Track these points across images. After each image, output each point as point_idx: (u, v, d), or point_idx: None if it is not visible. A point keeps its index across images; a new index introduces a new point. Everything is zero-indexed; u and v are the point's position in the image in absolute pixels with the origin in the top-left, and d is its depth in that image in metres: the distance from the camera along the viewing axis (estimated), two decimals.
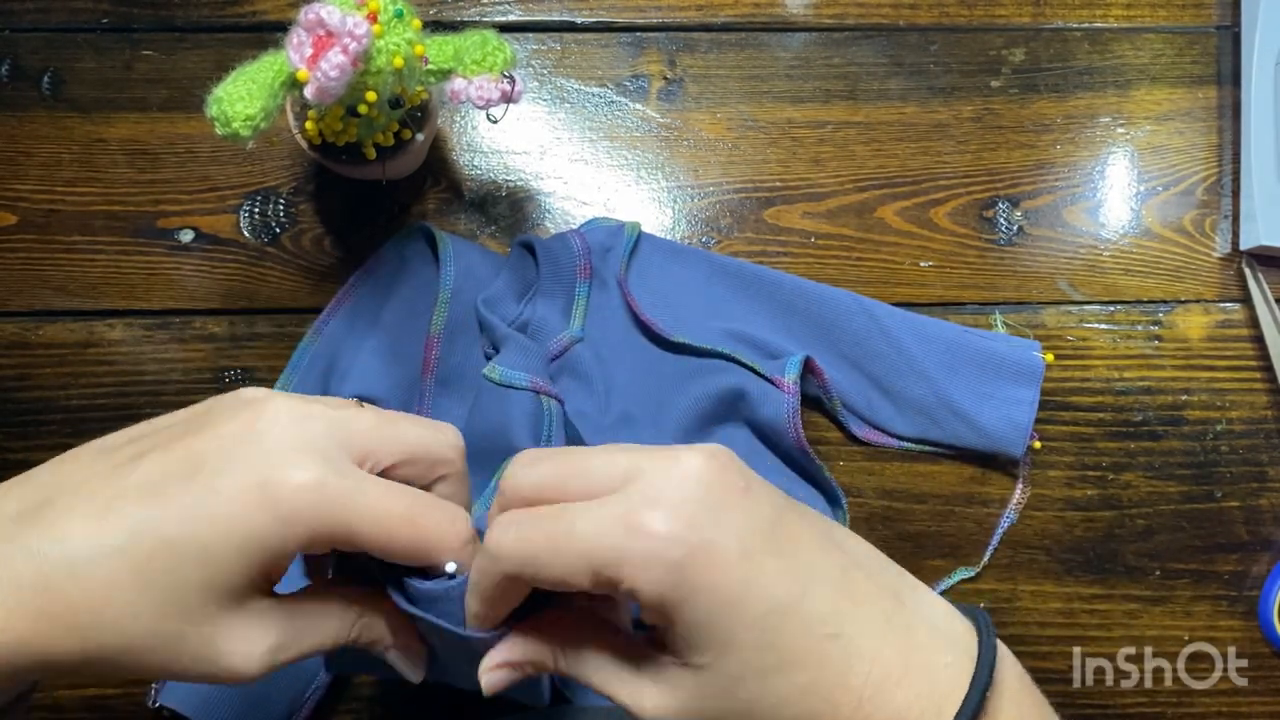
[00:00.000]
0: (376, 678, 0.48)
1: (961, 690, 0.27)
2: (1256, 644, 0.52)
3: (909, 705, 0.27)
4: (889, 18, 0.57)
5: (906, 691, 0.27)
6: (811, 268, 0.54)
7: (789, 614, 0.27)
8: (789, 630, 0.27)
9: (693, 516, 0.27)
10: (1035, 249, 0.55)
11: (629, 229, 0.52)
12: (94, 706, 0.49)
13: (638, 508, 0.27)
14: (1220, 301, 0.55)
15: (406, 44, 0.41)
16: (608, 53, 0.56)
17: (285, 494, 0.27)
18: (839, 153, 0.55)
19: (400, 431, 0.31)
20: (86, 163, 0.53)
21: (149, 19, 0.54)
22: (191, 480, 0.27)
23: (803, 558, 0.28)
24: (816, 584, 0.28)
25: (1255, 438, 0.54)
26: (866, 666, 0.27)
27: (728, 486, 0.28)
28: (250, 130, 0.39)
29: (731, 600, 0.27)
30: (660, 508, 0.27)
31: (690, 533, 0.26)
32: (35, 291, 0.52)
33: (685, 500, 0.27)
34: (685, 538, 0.26)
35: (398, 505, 0.29)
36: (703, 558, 0.26)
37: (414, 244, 0.52)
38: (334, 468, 0.28)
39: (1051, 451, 0.53)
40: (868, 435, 0.53)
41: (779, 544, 0.28)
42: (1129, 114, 0.56)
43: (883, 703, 0.27)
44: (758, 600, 0.27)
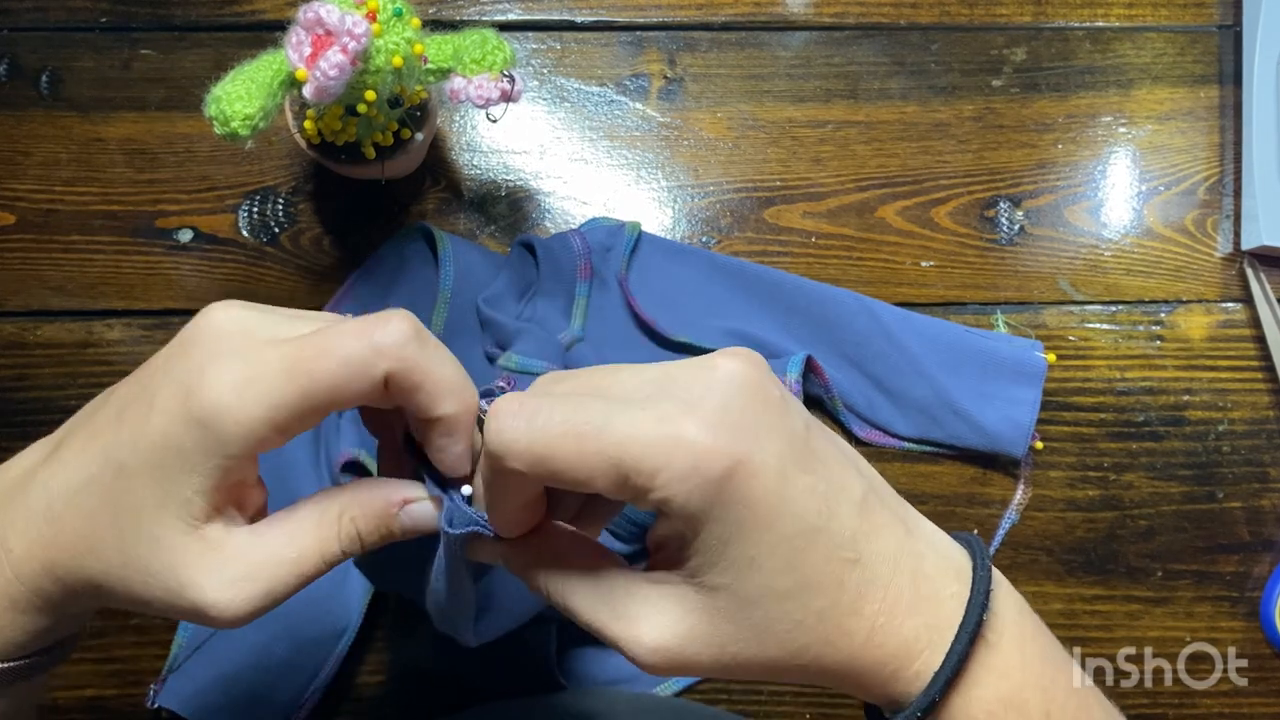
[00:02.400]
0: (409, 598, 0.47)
1: (959, 617, 0.27)
2: (1257, 644, 0.52)
3: (916, 635, 0.27)
4: (890, 17, 0.56)
5: (915, 621, 0.27)
6: (812, 267, 0.54)
7: (816, 535, 0.26)
8: (814, 552, 0.26)
9: (735, 427, 0.25)
10: (1036, 249, 0.55)
11: (629, 228, 0.52)
12: (94, 707, 0.48)
13: (676, 414, 0.25)
14: (1222, 301, 0.55)
15: (405, 43, 0.41)
16: (608, 52, 0.55)
17: (205, 401, 0.26)
18: (840, 152, 0.55)
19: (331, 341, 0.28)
20: (85, 162, 0.53)
21: (147, 18, 0.54)
22: (139, 402, 0.27)
23: (831, 476, 0.27)
24: (842, 504, 0.27)
25: (1257, 438, 0.53)
26: (881, 593, 0.27)
27: (767, 397, 0.26)
28: (249, 130, 0.38)
29: (765, 518, 0.25)
30: (701, 415, 0.25)
31: (733, 444, 0.25)
32: (34, 291, 0.52)
33: (725, 409, 0.25)
34: (728, 450, 0.25)
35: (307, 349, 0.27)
36: (743, 472, 0.25)
37: (413, 244, 0.52)
38: (250, 364, 0.27)
39: (1053, 452, 0.53)
40: (869, 435, 0.53)
41: (810, 461, 0.26)
42: (1130, 113, 0.56)
43: (893, 631, 0.27)
44: (790, 520, 0.26)
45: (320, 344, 0.27)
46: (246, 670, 0.46)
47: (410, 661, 0.49)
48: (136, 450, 0.27)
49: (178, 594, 0.27)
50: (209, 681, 0.46)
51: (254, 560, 0.28)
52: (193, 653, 0.46)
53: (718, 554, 0.26)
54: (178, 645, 0.47)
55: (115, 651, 0.49)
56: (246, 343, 0.27)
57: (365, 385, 0.27)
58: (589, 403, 0.26)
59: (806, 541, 0.26)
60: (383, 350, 0.27)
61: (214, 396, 0.26)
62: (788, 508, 0.26)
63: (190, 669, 0.46)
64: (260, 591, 0.28)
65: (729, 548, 0.26)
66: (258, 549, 0.28)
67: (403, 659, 0.49)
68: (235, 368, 0.26)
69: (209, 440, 0.26)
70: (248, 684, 0.46)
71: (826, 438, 0.28)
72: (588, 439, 0.25)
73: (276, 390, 0.26)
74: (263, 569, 0.28)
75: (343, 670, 0.48)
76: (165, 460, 0.27)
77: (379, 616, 0.49)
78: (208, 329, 0.28)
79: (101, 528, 0.27)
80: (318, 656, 0.47)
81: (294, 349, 0.27)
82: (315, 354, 0.27)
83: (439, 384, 0.28)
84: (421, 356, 0.27)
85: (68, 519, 0.27)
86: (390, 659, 0.49)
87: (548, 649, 0.47)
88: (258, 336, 0.27)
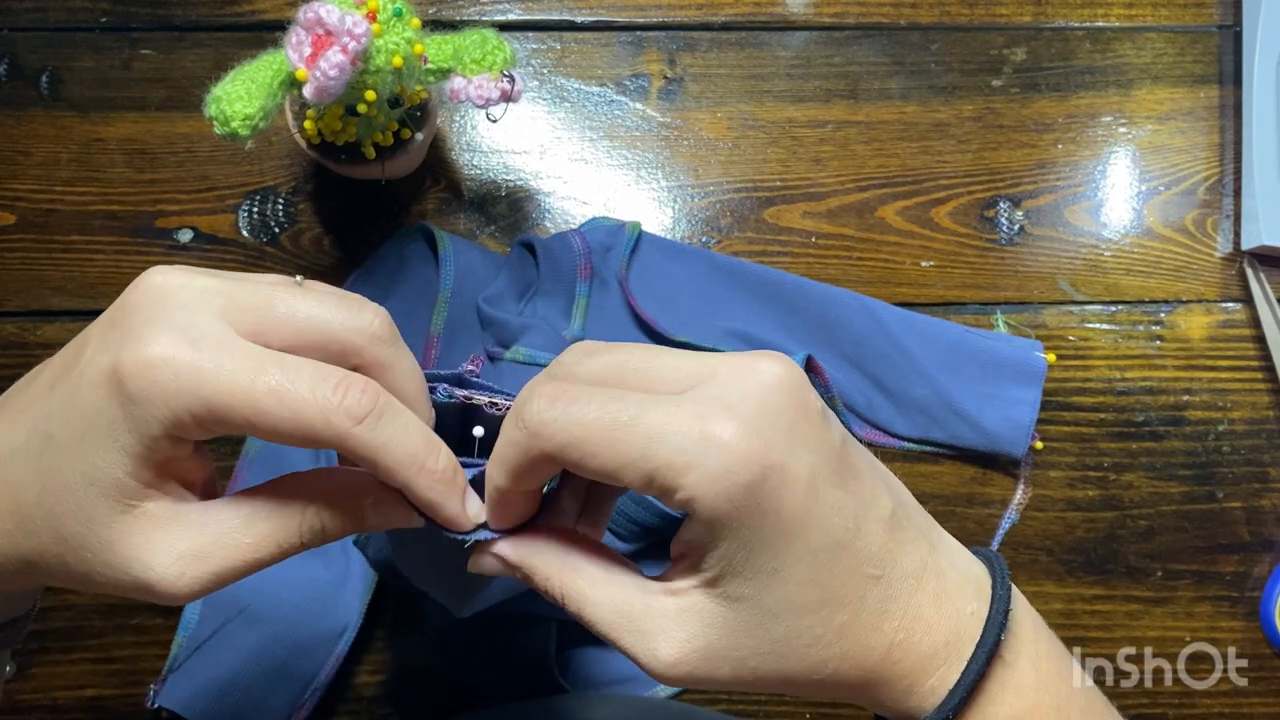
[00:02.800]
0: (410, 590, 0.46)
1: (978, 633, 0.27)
2: (1257, 644, 0.52)
3: (934, 652, 0.27)
4: (890, 17, 0.56)
5: (933, 637, 0.27)
6: (812, 267, 0.54)
7: (843, 550, 0.26)
8: (839, 567, 0.26)
9: (772, 433, 0.25)
10: (1036, 249, 0.55)
11: (629, 228, 0.52)
12: (94, 707, 0.48)
13: (713, 413, 0.24)
14: (1222, 301, 0.55)
15: (405, 43, 0.41)
16: (608, 52, 0.55)
17: (130, 374, 0.24)
18: (840, 152, 0.55)
19: (292, 309, 0.27)
20: (85, 162, 0.53)
21: (148, 18, 0.54)
22: (69, 371, 0.26)
23: (862, 493, 0.27)
24: (870, 522, 0.26)
25: (1257, 438, 0.53)
26: (901, 610, 0.27)
27: (806, 406, 0.26)
28: (249, 130, 0.38)
29: (793, 529, 0.25)
30: (737, 418, 0.24)
31: (767, 452, 0.24)
32: (34, 291, 0.52)
33: (764, 414, 0.25)
34: (762, 456, 0.24)
35: (268, 378, 0.25)
36: (775, 481, 0.24)
37: (413, 244, 0.52)
38: (190, 339, 0.25)
39: (1053, 452, 0.53)
40: (869, 435, 0.53)
41: (843, 475, 0.26)
42: (1130, 113, 0.56)
43: (911, 647, 0.27)
44: (818, 533, 0.25)
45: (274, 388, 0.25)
46: (246, 670, 0.46)
47: (410, 661, 0.49)
48: (65, 421, 0.25)
49: (121, 570, 0.26)
50: (209, 681, 0.46)
51: (204, 539, 0.26)
52: (193, 653, 0.46)
53: (741, 563, 0.25)
54: (178, 645, 0.47)
55: (115, 651, 0.49)
56: (186, 313, 0.25)
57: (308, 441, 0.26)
58: (625, 394, 0.25)
59: (832, 556, 0.26)
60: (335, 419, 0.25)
61: (141, 372, 0.24)
62: (816, 521, 0.25)
63: (190, 669, 0.46)
64: (208, 572, 0.26)
65: (753, 557, 0.25)
66: (209, 528, 0.27)
67: (403, 659, 0.49)
68: (169, 340, 0.25)
69: (135, 414, 0.25)
70: (248, 684, 0.46)
71: (860, 453, 0.28)
72: (621, 428, 0.24)
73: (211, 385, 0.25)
74: (214, 549, 0.26)
75: (343, 670, 0.48)
76: (93, 433, 0.25)
77: (379, 616, 0.49)
78: (145, 294, 0.26)
79: (29, 504, 0.26)
80: (317, 656, 0.47)
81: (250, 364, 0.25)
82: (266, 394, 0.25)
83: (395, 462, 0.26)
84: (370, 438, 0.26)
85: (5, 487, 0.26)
86: (390, 659, 0.50)
87: (547, 649, 0.47)
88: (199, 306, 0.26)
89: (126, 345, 0.25)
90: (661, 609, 0.27)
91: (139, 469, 0.26)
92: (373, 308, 0.28)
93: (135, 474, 0.26)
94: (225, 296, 0.26)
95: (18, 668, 0.48)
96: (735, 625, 0.26)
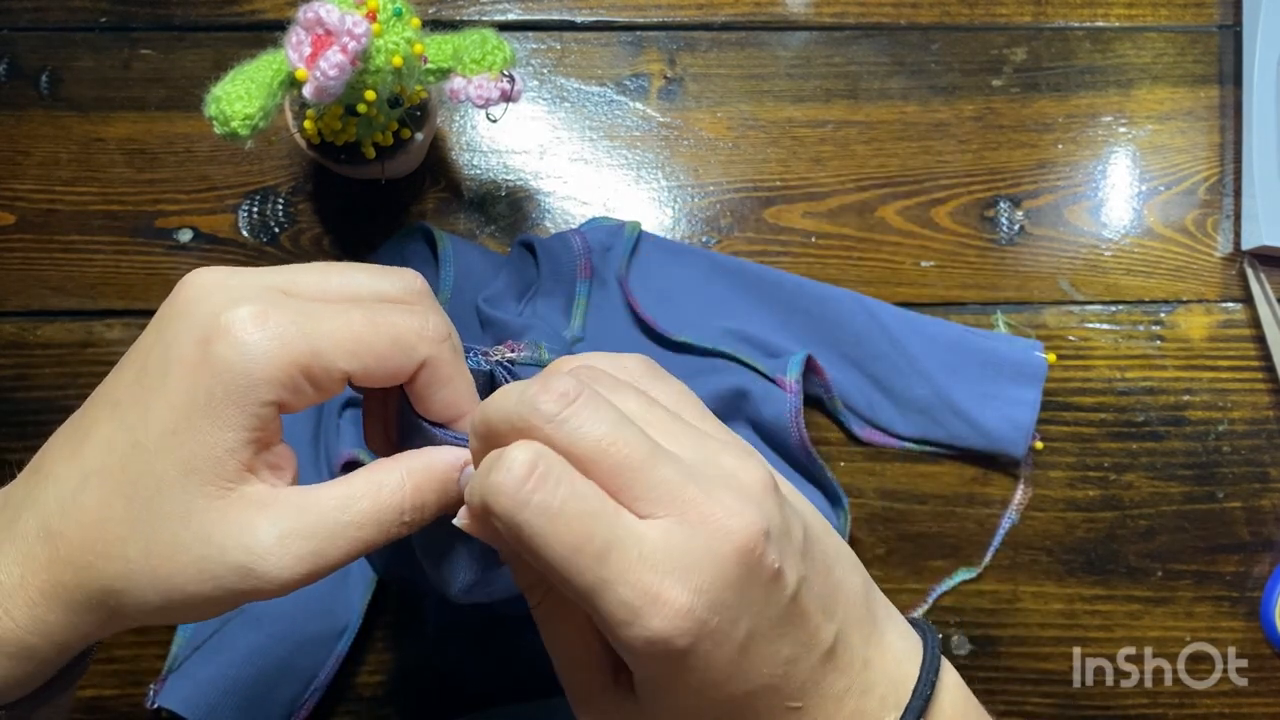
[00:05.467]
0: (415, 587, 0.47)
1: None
2: (1258, 644, 0.52)
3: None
4: (890, 16, 0.56)
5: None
6: (812, 267, 0.54)
7: (766, 692, 0.26)
8: (758, 705, 0.27)
9: (718, 603, 0.25)
10: (1036, 249, 0.55)
11: (629, 228, 0.52)
12: (94, 707, 0.48)
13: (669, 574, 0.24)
14: (1222, 301, 0.55)
15: (405, 43, 0.41)
16: (608, 52, 0.55)
17: (229, 345, 0.25)
18: (840, 152, 0.55)
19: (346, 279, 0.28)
20: (85, 162, 0.53)
21: (147, 18, 0.54)
22: (141, 377, 0.26)
23: (803, 637, 0.27)
24: (803, 660, 0.27)
25: (1257, 438, 0.53)
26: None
27: (760, 570, 0.25)
28: (249, 130, 0.38)
29: (716, 681, 0.26)
30: (690, 588, 0.24)
31: (708, 621, 0.25)
32: (33, 291, 0.52)
33: (715, 583, 0.25)
34: (701, 626, 0.24)
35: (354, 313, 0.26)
36: (707, 645, 0.25)
37: (413, 244, 0.52)
38: (270, 304, 0.25)
39: (1053, 452, 0.53)
40: (869, 435, 0.53)
41: (786, 627, 0.26)
42: (1131, 113, 0.56)
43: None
44: (740, 683, 0.26)
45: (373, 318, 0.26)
46: (247, 670, 0.46)
47: (410, 661, 0.49)
48: (153, 421, 0.25)
49: (218, 560, 0.25)
50: (209, 681, 0.46)
51: (306, 519, 0.26)
52: (193, 652, 0.46)
53: (656, 696, 0.26)
54: (178, 645, 0.47)
55: (115, 651, 0.49)
56: (253, 290, 0.26)
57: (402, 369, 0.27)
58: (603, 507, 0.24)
59: (752, 697, 0.26)
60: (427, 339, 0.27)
61: (241, 335, 0.25)
62: (742, 675, 0.26)
63: (190, 669, 0.46)
64: (311, 551, 0.26)
65: (668, 696, 0.26)
66: (309, 509, 0.26)
67: (403, 659, 0.49)
68: (250, 309, 0.25)
69: (240, 383, 0.25)
70: (248, 684, 0.46)
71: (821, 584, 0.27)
72: (584, 550, 0.24)
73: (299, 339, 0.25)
74: (317, 528, 0.26)
75: (343, 670, 0.48)
76: (189, 420, 0.25)
77: (379, 616, 0.49)
78: (201, 287, 0.26)
79: (114, 522, 0.25)
80: (318, 656, 0.47)
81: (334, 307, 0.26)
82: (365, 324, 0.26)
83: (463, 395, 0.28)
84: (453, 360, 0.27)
85: (68, 529, 0.25)
86: (390, 659, 0.50)
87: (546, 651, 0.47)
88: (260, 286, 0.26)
89: (210, 323, 0.25)
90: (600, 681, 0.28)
91: (240, 446, 0.25)
92: (406, 273, 0.29)
93: (236, 451, 0.25)
94: (281, 275, 0.27)
95: None
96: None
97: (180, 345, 0.25)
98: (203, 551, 0.25)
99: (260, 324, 0.25)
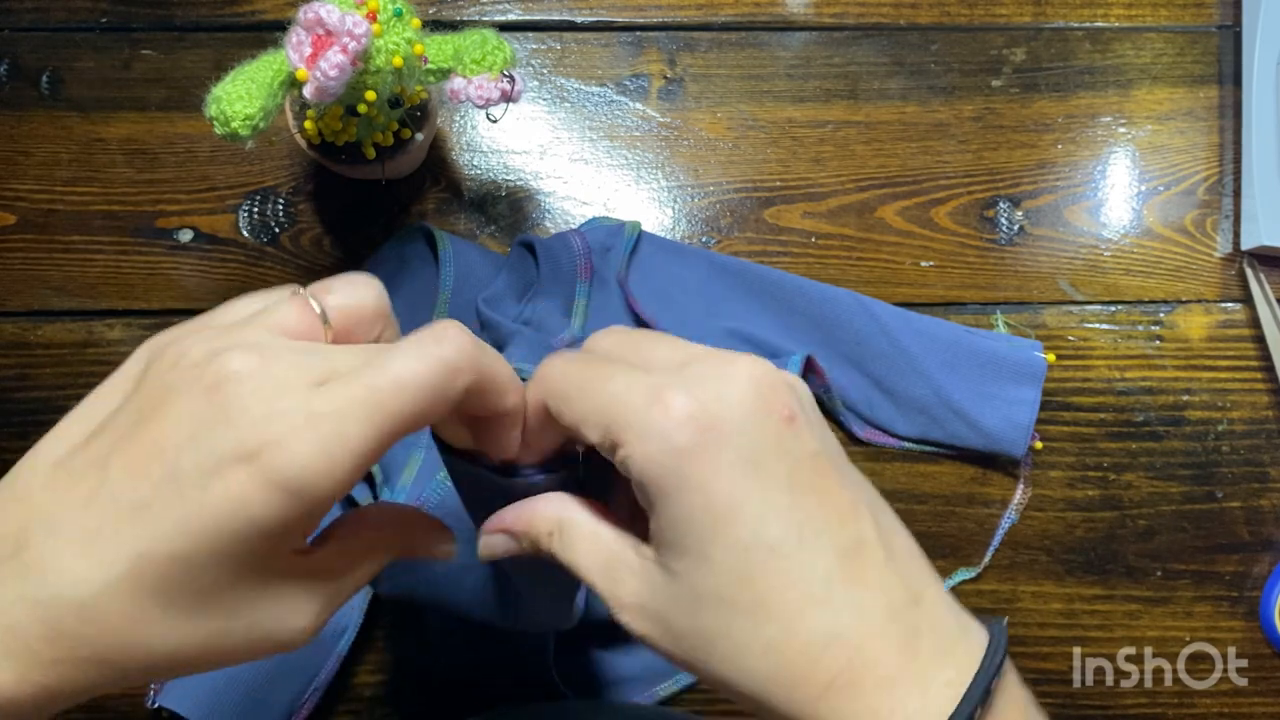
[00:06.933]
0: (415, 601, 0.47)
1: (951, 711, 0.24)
2: (1257, 644, 0.52)
3: (890, 711, 0.24)
4: (889, 17, 0.56)
5: (889, 698, 0.24)
6: (812, 268, 0.54)
7: (778, 557, 0.25)
8: (773, 574, 0.25)
9: (717, 413, 0.25)
10: (1036, 249, 0.55)
11: (629, 228, 0.52)
12: (93, 707, 0.48)
13: (671, 386, 0.25)
14: (1221, 301, 0.55)
15: (406, 43, 0.41)
16: (608, 52, 0.55)
17: (283, 462, 0.23)
18: (839, 152, 0.55)
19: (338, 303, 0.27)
20: (85, 162, 0.53)
21: (148, 18, 0.54)
22: (174, 482, 0.24)
23: (818, 510, 0.25)
24: (821, 542, 0.25)
25: (1256, 438, 0.53)
26: (848, 655, 0.24)
27: (771, 405, 0.26)
28: (249, 130, 0.38)
29: (717, 511, 0.25)
30: (691, 396, 0.25)
31: (705, 423, 0.25)
32: (34, 291, 0.52)
33: (720, 400, 0.25)
34: (697, 425, 0.25)
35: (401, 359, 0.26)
36: (704, 455, 0.25)
37: (414, 244, 0.52)
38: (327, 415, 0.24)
39: (1053, 452, 0.53)
40: (869, 435, 0.53)
41: (796, 483, 0.25)
42: (1130, 113, 0.56)
43: (858, 698, 0.24)
44: (744, 524, 0.25)
45: (392, 378, 0.25)
46: (246, 670, 0.46)
47: (410, 661, 0.49)
48: (194, 533, 0.23)
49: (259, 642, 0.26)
50: (209, 681, 0.46)
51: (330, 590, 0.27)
52: None
53: (672, 535, 0.25)
54: None
55: None
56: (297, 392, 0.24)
57: (446, 407, 0.26)
58: (613, 363, 0.27)
59: (764, 559, 0.25)
60: (459, 368, 0.26)
61: (298, 460, 0.23)
62: (747, 516, 0.25)
63: None
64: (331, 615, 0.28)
65: (683, 535, 0.25)
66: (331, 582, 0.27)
67: (403, 659, 0.49)
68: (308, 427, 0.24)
69: (295, 508, 0.24)
70: (247, 684, 0.46)
71: (842, 479, 0.27)
72: (590, 385, 0.27)
73: (358, 438, 0.24)
74: (336, 597, 0.28)
75: (343, 670, 0.48)
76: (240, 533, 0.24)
77: (379, 616, 0.49)
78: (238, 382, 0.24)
79: (146, 621, 0.24)
80: (318, 656, 0.47)
81: (364, 391, 0.24)
82: (392, 390, 0.24)
83: (504, 382, 0.28)
84: (485, 360, 0.27)
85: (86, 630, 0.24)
86: (390, 659, 0.50)
87: (546, 651, 0.47)
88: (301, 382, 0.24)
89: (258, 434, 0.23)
90: (628, 561, 0.27)
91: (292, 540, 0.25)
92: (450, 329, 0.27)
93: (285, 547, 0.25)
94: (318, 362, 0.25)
95: None
96: (672, 598, 0.26)
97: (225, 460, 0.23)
98: (246, 637, 0.26)
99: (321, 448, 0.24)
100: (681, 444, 0.25)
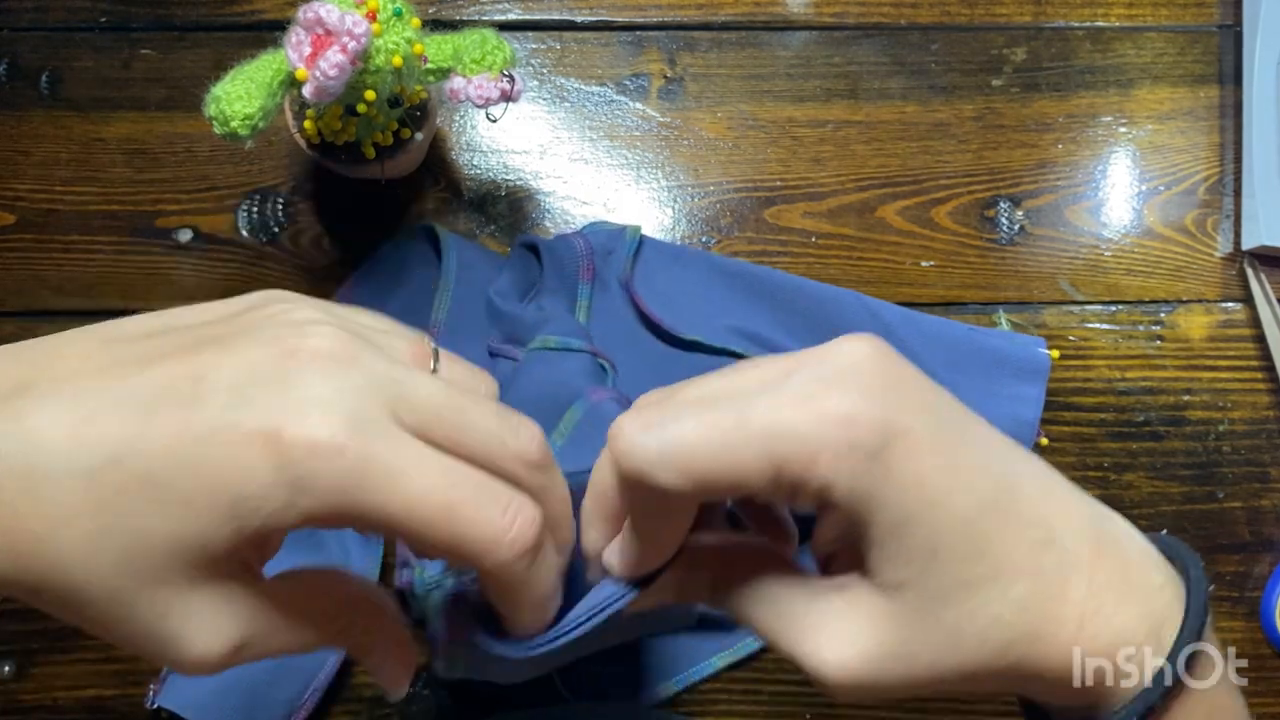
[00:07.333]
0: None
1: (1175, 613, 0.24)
2: (1258, 644, 0.52)
3: (1132, 627, 0.24)
4: (890, 16, 0.56)
5: (1127, 611, 0.24)
6: (812, 267, 0.54)
7: (998, 513, 0.23)
8: (1002, 533, 0.23)
9: (884, 400, 0.22)
10: (1037, 248, 0.55)
11: (630, 233, 0.52)
12: (93, 707, 0.48)
13: (819, 392, 0.22)
14: (1222, 301, 0.55)
15: (405, 43, 0.41)
16: (608, 51, 0.55)
17: (298, 453, 0.22)
18: (840, 152, 0.55)
19: (464, 421, 0.24)
20: (84, 162, 0.53)
21: (147, 18, 0.54)
22: (192, 407, 0.22)
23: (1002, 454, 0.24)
24: (1022, 481, 0.24)
25: (1257, 438, 0.53)
26: (1085, 578, 0.23)
27: (900, 369, 0.24)
28: (249, 130, 0.38)
29: (936, 496, 0.22)
30: (847, 391, 0.22)
31: (886, 414, 0.22)
32: (33, 291, 0.52)
33: (869, 383, 0.23)
34: (882, 420, 0.22)
35: (438, 489, 0.23)
36: (902, 445, 0.22)
37: (414, 244, 0.52)
38: (365, 431, 0.22)
39: (1054, 452, 0.53)
40: None
41: (969, 434, 0.24)
42: (1131, 113, 0.56)
43: (1105, 621, 0.23)
44: (965, 495, 0.23)
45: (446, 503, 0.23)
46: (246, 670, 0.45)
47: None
48: (174, 466, 0.22)
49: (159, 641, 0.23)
50: (209, 681, 0.46)
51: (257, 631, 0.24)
52: None
53: (894, 544, 0.23)
54: None
55: (115, 651, 0.49)
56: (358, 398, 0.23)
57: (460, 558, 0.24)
58: (717, 399, 0.23)
59: (990, 521, 0.23)
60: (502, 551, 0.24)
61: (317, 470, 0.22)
62: (960, 484, 0.23)
63: None
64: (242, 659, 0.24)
65: (905, 536, 0.23)
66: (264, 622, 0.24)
67: None
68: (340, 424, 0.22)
69: (292, 501, 0.22)
70: (247, 684, 0.46)
71: (982, 420, 0.25)
72: (731, 432, 0.22)
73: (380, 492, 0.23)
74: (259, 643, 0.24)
75: (343, 670, 0.48)
76: (216, 497, 0.22)
77: None
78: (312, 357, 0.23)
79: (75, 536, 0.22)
80: (318, 656, 0.47)
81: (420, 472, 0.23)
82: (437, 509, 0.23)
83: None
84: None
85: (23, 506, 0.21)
86: None
87: None
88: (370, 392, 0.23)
89: (290, 417, 0.22)
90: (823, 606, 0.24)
91: (247, 546, 0.23)
92: (529, 427, 0.26)
93: (239, 550, 0.23)
94: (398, 386, 0.24)
95: (17, 668, 0.48)
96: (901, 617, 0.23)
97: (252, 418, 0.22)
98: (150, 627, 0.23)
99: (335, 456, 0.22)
100: (875, 446, 0.22)
